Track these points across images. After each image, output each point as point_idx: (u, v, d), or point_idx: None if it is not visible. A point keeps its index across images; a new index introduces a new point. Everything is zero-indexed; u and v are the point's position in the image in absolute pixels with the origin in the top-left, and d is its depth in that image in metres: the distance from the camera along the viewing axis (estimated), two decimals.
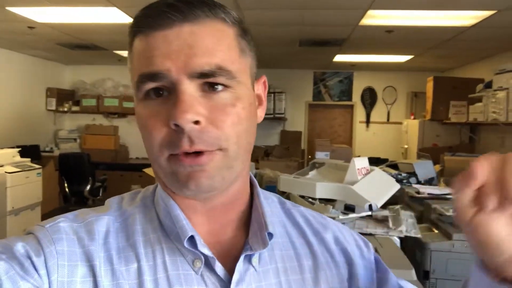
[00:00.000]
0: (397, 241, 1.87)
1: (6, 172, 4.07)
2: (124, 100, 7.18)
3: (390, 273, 0.61)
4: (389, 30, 4.14)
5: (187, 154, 0.46)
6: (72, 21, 4.11)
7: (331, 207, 1.98)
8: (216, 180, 0.48)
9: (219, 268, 0.50)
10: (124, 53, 6.06)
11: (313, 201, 2.12)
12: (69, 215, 0.53)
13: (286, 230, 0.59)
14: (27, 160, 4.57)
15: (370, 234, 1.83)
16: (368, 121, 7.44)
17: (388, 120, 7.38)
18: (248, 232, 0.55)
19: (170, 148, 0.47)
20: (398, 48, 5.12)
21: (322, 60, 6.30)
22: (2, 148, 4.49)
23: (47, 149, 6.80)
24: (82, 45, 5.49)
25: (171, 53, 0.46)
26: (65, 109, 7.14)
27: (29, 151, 5.68)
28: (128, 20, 3.96)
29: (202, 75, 0.46)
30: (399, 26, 3.96)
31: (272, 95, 7.02)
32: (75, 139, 7.23)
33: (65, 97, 7.21)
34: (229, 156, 0.48)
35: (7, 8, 3.70)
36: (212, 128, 0.46)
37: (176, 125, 0.45)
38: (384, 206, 2.19)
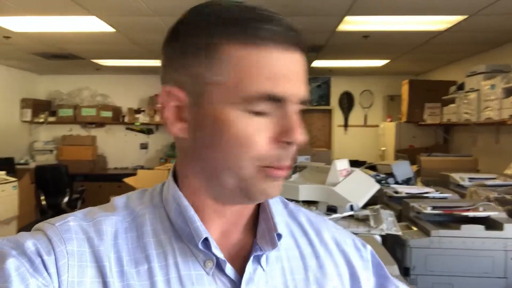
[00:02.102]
0: (379, 239, 1.93)
1: None
2: (101, 110, 7.08)
3: (390, 280, 0.65)
4: (366, 35, 4.25)
5: (278, 168, 0.50)
6: (49, 30, 4.06)
7: (315, 208, 2.02)
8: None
9: (229, 269, 0.52)
10: (103, 62, 6.00)
11: (297, 203, 2.16)
12: (78, 213, 0.53)
13: (290, 230, 0.61)
14: (2, 173, 4.46)
15: (353, 234, 1.88)
16: (346, 125, 7.58)
17: (365, 123, 7.54)
18: (255, 232, 0.57)
19: (266, 161, 0.49)
20: (374, 53, 5.26)
21: None
22: None
23: (22, 161, 6.64)
24: (58, 55, 5.41)
25: (296, 78, 0.50)
26: (41, 120, 6.99)
27: (3, 164, 5.54)
28: (108, 29, 3.94)
29: (303, 102, 0.51)
30: (375, 32, 4.07)
31: None
32: (51, 151, 7.07)
33: (41, 108, 7.06)
34: None
35: None
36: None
37: (289, 142, 0.49)
38: (364, 207, 2.25)
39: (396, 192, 2.88)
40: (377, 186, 2.36)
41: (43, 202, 5.81)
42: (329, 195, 2.10)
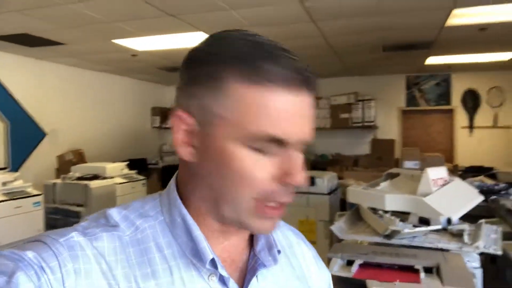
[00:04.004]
0: (476, 258, 1.72)
1: (115, 183, 4.66)
2: None
3: None
4: (482, 28, 3.79)
5: (274, 206, 0.52)
6: (166, 47, 4.59)
7: (398, 219, 1.90)
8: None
9: (232, 284, 0.54)
10: None
11: (384, 214, 2.06)
12: (79, 227, 0.52)
13: (280, 243, 0.64)
14: (133, 172, 5.16)
15: (442, 250, 1.71)
16: (471, 126, 6.79)
17: (495, 124, 6.64)
18: (251, 246, 0.60)
19: (263, 197, 0.50)
20: (497, 45, 4.64)
21: (412, 64, 5.97)
22: (114, 162, 5.13)
23: (153, 161, 7.56)
24: (177, 68, 6.02)
25: (302, 121, 0.50)
26: (168, 126, 7.86)
27: (137, 164, 6.38)
28: None
29: (306, 144, 0.52)
30: (492, 23, 3.60)
31: (361, 103, 6.84)
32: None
33: (168, 115, 7.95)
34: None
35: (113, 40, 4.30)
36: None
37: (289, 183, 0.50)
38: (474, 220, 2.02)
39: None
40: (479, 198, 2.10)
41: None
42: (419, 206, 1.95)
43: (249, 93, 0.48)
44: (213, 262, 0.52)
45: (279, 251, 0.58)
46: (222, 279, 0.53)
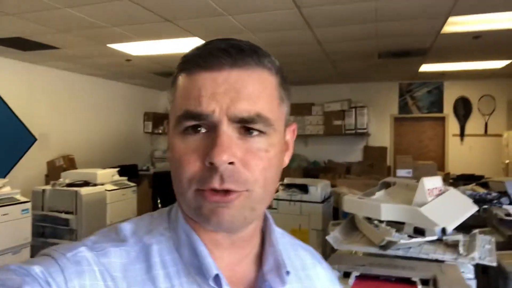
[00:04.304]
0: (470, 269, 1.71)
1: (106, 190, 4.60)
2: None
3: None
4: (476, 36, 3.83)
5: (215, 191, 0.48)
6: (161, 52, 4.55)
7: (394, 230, 1.88)
8: (237, 219, 0.50)
9: None
10: None
11: (379, 223, 2.04)
12: (88, 242, 0.52)
13: (292, 263, 0.62)
14: (124, 179, 5.10)
15: (437, 260, 1.70)
16: (462, 134, 6.85)
17: (485, 132, 6.70)
18: (259, 265, 0.57)
19: (199, 183, 0.49)
20: (490, 53, 4.69)
21: (406, 71, 6.01)
22: (104, 168, 5.07)
23: (144, 168, 7.49)
24: (172, 73, 6.00)
25: (217, 96, 0.49)
26: (160, 131, 7.81)
27: (128, 170, 6.32)
28: None
29: (242, 120, 0.49)
30: (487, 31, 3.64)
31: (354, 110, 6.86)
32: None
33: (160, 120, 7.90)
34: (254, 198, 0.50)
35: (108, 45, 4.26)
36: (243, 170, 0.49)
37: (211, 163, 0.47)
38: (466, 229, 2.01)
39: (508, 215, 2.51)
40: (473, 208, 2.09)
41: (159, 206, 6.46)
42: (415, 216, 1.93)
43: (183, 81, 0.52)
44: (217, 279, 0.50)
45: (288, 272, 0.55)
46: None
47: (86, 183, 4.52)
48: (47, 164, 5.48)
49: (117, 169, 5.16)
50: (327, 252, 2.48)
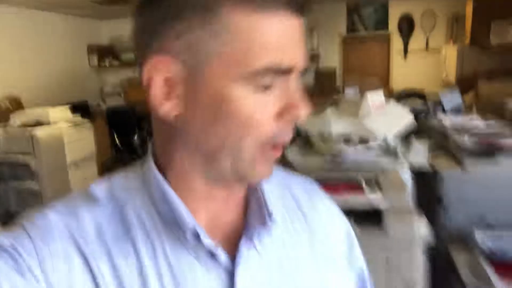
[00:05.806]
0: (407, 171, 1.99)
1: (62, 128, 4.51)
2: None
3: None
4: None
5: (274, 146, 0.47)
6: None
7: (342, 139, 2.12)
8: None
9: (221, 254, 0.48)
10: None
11: (329, 137, 2.27)
12: (58, 204, 0.49)
13: (284, 203, 0.58)
14: (78, 116, 4.98)
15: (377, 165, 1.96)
16: (406, 51, 7.17)
17: (426, 48, 7.06)
18: (243, 212, 0.54)
19: (271, 139, 0.46)
20: None
21: None
22: (53, 106, 4.90)
23: (95, 104, 7.29)
24: (113, 1, 5.62)
25: (301, 46, 0.46)
26: (106, 65, 7.49)
27: (79, 108, 6.13)
28: None
29: (302, 72, 0.47)
30: None
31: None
32: (119, 94, 7.61)
33: (105, 53, 7.53)
34: None
35: None
36: None
37: (291, 119, 0.46)
38: (405, 138, 2.28)
39: (440, 123, 2.83)
40: (409, 118, 2.36)
41: (117, 141, 6.45)
42: (360, 129, 2.17)
43: (250, 23, 0.42)
44: (196, 230, 0.47)
45: (270, 213, 0.51)
46: (208, 249, 0.48)
47: (39, 123, 4.40)
48: None
49: (68, 106, 5.02)
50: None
